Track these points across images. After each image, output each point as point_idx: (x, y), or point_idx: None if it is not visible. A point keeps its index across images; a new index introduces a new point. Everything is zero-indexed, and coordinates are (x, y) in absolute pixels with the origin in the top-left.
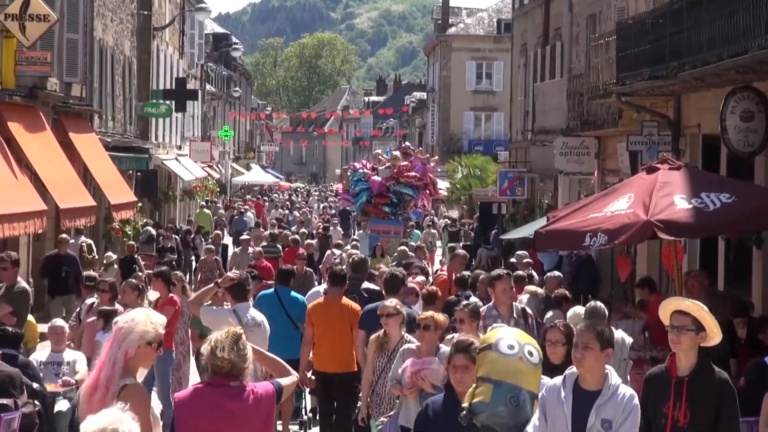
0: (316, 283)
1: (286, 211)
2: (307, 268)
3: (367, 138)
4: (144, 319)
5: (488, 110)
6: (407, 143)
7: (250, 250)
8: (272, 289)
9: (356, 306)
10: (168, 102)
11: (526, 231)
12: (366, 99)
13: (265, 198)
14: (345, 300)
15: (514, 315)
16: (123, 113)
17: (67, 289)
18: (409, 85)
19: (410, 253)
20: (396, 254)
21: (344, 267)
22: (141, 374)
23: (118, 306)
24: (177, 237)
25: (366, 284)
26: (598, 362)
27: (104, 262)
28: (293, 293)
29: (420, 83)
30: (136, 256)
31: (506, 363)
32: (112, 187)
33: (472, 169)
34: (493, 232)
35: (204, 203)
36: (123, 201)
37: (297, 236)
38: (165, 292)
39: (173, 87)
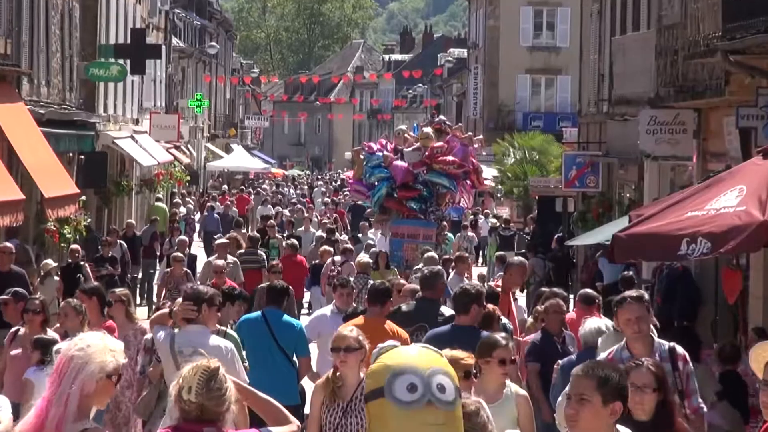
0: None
1: (279, 208)
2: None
3: (387, 110)
4: (101, 345)
5: (550, 73)
6: (441, 117)
7: (226, 260)
8: (258, 313)
9: (402, 332)
10: (121, 61)
11: (601, 235)
12: (386, 58)
13: (251, 190)
14: (389, 324)
15: (657, 356)
16: (61, 76)
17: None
18: (443, 40)
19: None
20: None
21: (382, 283)
22: (92, 414)
23: (52, 333)
24: (123, 243)
25: (444, 309)
26: (598, 420)
27: (41, 272)
28: (286, 317)
29: (459, 36)
30: (82, 263)
31: (414, 419)
32: (45, 174)
33: (529, 152)
34: (556, 236)
35: (160, 196)
36: (60, 194)
37: (294, 241)
38: (98, 315)
39: (128, 41)
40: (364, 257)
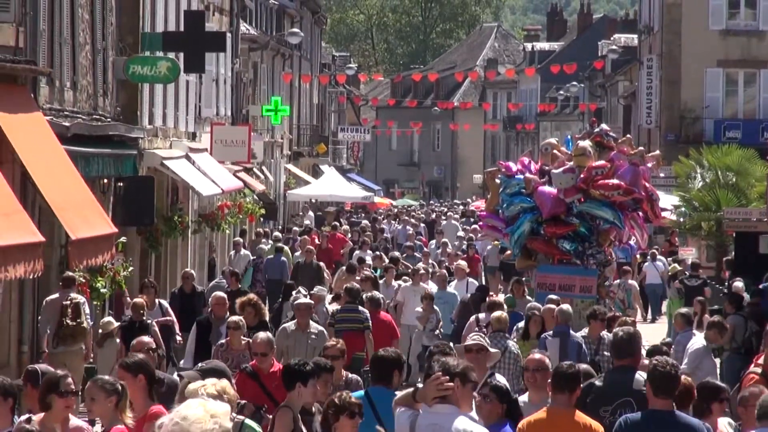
0: None
1: (396, 254)
2: (353, 375)
3: (530, 117)
4: (200, 414)
5: (751, 66)
6: (603, 126)
7: (306, 328)
8: (361, 392)
9: (598, 427)
10: (172, 56)
11: None
12: (528, 47)
13: (356, 225)
14: (580, 416)
15: None
16: (92, 76)
17: None
18: (606, 22)
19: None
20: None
21: (570, 366)
22: None
23: (79, 423)
24: (162, 302)
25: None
26: None
27: (100, 331)
28: None
29: (626, 18)
30: (149, 321)
31: None
32: (72, 209)
33: (723, 173)
34: (761, 286)
35: (278, 234)
36: (92, 234)
37: (376, 294)
38: (144, 398)
39: (181, 29)
40: (501, 313)
